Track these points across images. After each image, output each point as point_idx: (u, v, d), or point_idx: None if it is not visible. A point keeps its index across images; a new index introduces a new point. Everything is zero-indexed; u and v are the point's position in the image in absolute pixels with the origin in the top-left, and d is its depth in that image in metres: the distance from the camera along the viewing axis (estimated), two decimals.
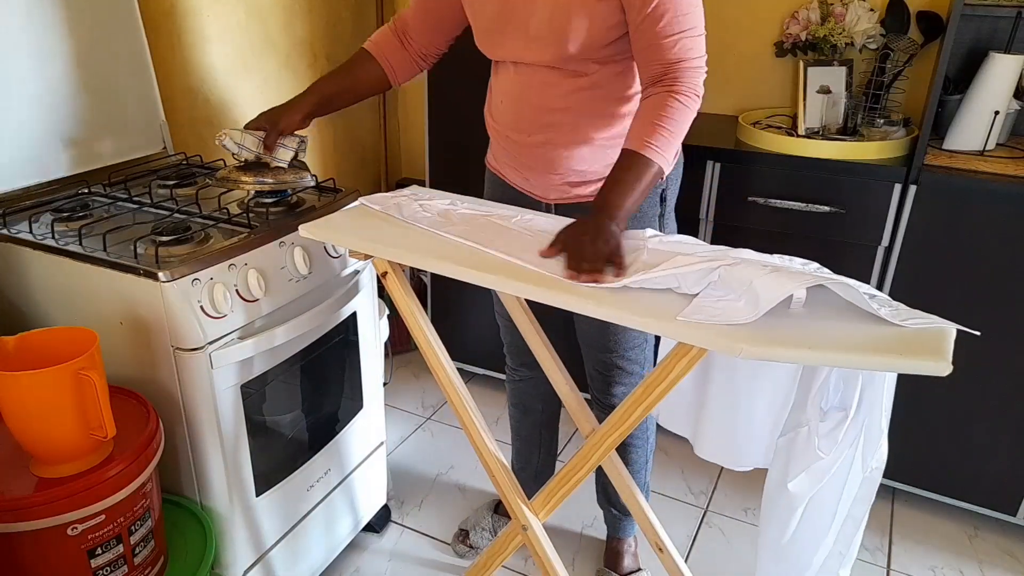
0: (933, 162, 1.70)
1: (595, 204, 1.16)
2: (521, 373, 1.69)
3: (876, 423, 0.98)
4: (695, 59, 1.20)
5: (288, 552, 1.48)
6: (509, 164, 1.43)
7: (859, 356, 0.85)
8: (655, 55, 1.19)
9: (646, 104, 1.21)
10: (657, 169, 1.17)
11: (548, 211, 1.39)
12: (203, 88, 1.92)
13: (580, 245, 1.08)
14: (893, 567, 1.78)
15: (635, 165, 1.17)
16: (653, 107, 1.19)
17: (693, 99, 1.19)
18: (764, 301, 0.90)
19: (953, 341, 0.87)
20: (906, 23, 1.88)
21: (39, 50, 1.39)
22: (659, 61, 1.19)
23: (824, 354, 0.86)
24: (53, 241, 1.24)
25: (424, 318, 1.21)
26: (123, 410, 1.16)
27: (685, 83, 1.19)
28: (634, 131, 1.20)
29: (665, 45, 1.18)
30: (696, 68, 1.20)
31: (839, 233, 1.76)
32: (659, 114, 1.17)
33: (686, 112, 1.19)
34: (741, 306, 0.92)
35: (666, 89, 1.19)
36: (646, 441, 1.59)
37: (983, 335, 1.70)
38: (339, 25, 2.37)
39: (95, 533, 1.06)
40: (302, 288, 1.36)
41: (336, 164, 2.51)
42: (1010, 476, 1.79)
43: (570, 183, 1.36)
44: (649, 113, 1.19)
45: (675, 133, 1.18)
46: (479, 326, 2.32)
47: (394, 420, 2.26)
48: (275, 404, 1.40)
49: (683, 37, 1.17)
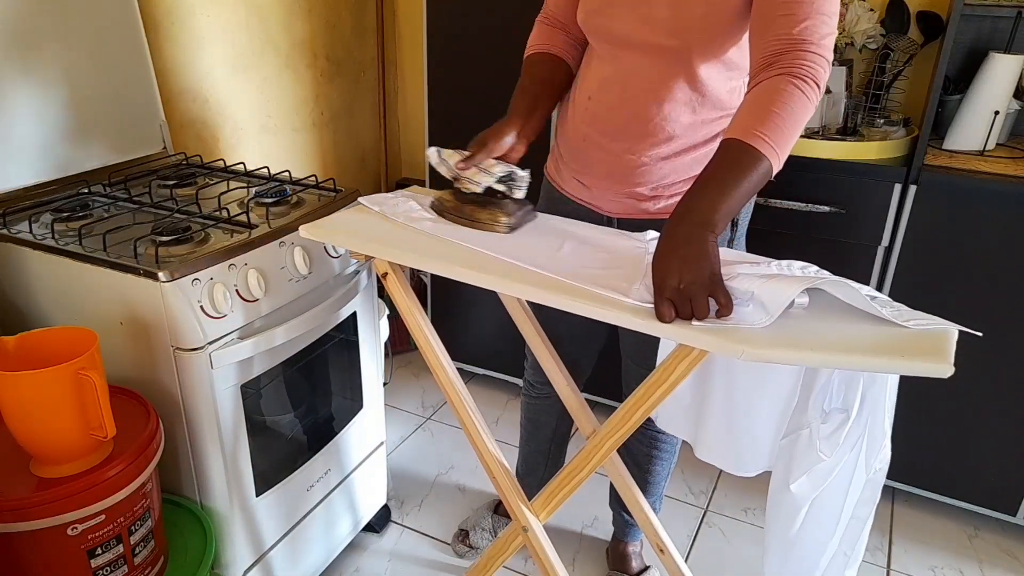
0: (933, 162, 1.70)
1: (681, 208, 0.95)
2: (540, 390, 1.62)
3: (879, 424, 0.98)
4: (820, 43, 0.98)
5: (288, 552, 1.48)
6: (574, 171, 1.33)
7: (861, 358, 0.85)
8: (777, 30, 0.99)
9: (757, 89, 0.99)
10: (767, 166, 0.94)
11: (608, 226, 1.29)
12: (203, 88, 1.92)
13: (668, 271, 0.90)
14: (893, 567, 1.78)
15: (739, 157, 0.94)
16: (766, 91, 0.97)
17: (814, 90, 0.97)
18: (773, 306, 0.89)
19: (955, 343, 0.87)
20: (906, 23, 1.88)
21: (39, 50, 1.39)
22: (779, 37, 0.99)
23: (825, 355, 0.86)
24: (53, 241, 1.24)
25: (424, 318, 1.21)
26: (123, 410, 1.16)
27: (807, 68, 0.97)
28: (739, 118, 0.98)
29: (791, 19, 0.98)
30: (822, 57, 0.99)
31: (839, 233, 1.76)
32: (773, 99, 0.95)
33: (805, 104, 0.97)
34: (750, 311, 0.91)
35: (783, 71, 0.97)
36: (673, 454, 1.57)
37: (983, 335, 1.70)
38: (339, 25, 2.37)
39: (95, 533, 1.06)
40: (302, 288, 1.36)
41: (336, 164, 2.51)
42: (1010, 476, 1.79)
43: (639, 197, 1.26)
44: (760, 98, 0.97)
45: (792, 125, 0.95)
46: (479, 326, 2.32)
47: (394, 420, 2.26)
48: (275, 404, 1.40)
49: (814, 14, 0.98)
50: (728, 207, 0.93)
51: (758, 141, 0.94)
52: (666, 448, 1.55)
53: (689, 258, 0.90)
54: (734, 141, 0.96)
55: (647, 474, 1.57)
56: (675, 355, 0.97)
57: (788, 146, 0.96)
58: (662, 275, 0.91)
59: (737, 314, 0.91)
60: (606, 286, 0.98)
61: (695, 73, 1.15)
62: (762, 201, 1.79)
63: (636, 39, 1.16)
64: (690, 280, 0.89)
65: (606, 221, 1.32)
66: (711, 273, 0.90)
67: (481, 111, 1.47)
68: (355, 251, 1.16)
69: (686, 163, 1.24)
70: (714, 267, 0.90)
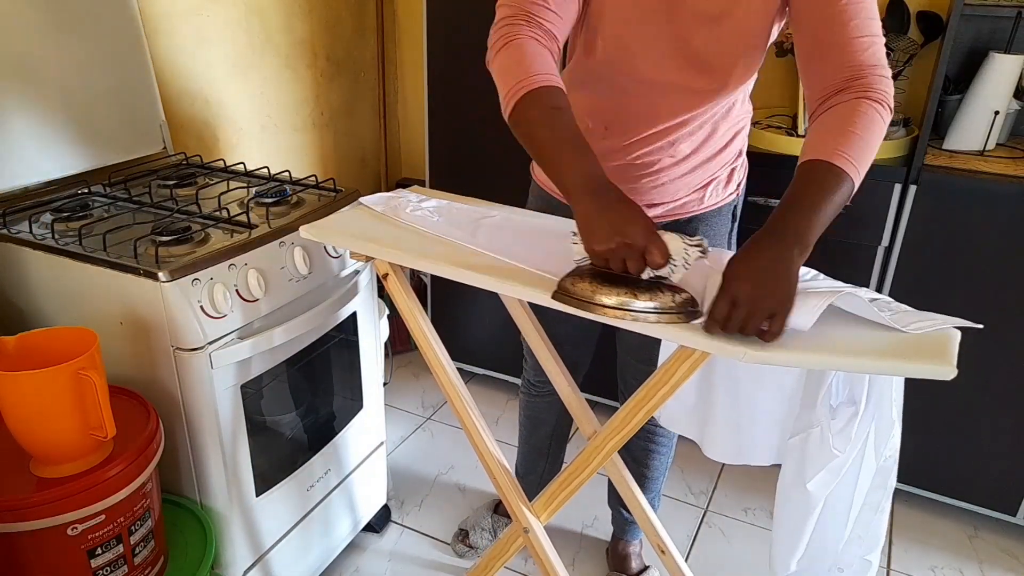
0: (933, 162, 1.70)
1: (775, 225, 0.91)
2: (540, 389, 1.63)
3: (887, 413, 0.98)
4: (886, 67, 1.00)
5: (288, 552, 1.48)
6: None
7: (863, 360, 0.85)
8: (845, 58, 0.99)
9: (835, 110, 0.99)
10: (850, 186, 0.94)
11: None
12: (203, 88, 1.92)
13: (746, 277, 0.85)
14: (893, 567, 1.78)
15: (827, 178, 0.93)
16: (846, 112, 0.97)
17: (887, 111, 0.99)
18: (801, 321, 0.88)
19: (957, 345, 0.87)
20: (906, 23, 1.88)
21: (39, 50, 1.39)
22: (850, 64, 0.99)
23: (827, 358, 0.86)
24: (53, 241, 1.24)
25: (425, 319, 1.20)
26: (123, 410, 1.16)
27: (881, 91, 0.98)
28: (820, 138, 0.97)
29: (858, 46, 0.99)
30: (889, 80, 1.00)
31: (839, 233, 1.75)
32: (853, 120, 0.96)
33: (882, 126, 0.98)
34: None
35: (860, 95, 0.98)
36: (670, 449, 1.58)
37: (983, 335, 1.70)
38: (339, 25, 2.37)
39: (95, 533, 1.06)
40: (302, 288, 1.36)
41: (336, 164, 2.51)
42: (1010, 476, 1.79)
43: (647, 205, 1.26)
44: (841, 119, 0.97)
45: (871, 146, 0.96)
46: (479, 326, 2.32)
47: (394, 420, 2.26)
48: (275, 404, 1.40)
49: (876, 40, 1.00)
50: (819, 226, 0.92)
51: (842, 160, 0.93)
52: (663, 443, 1.55)
53: (771, 273, 0.86)
54: (820, 162, 0.94)
55: (645, 469, 1.57)
56: (676, 357, 0.97)
57: (867, 165, 0.96)
58: (737, 279, 0.86)
59: None
60: None
61: (721, 103, 1.17)
62: (762, 201, 1.79)
63: (666, 81, 1.13)
64: (762, 295, 0.85)
65: None
66: (785, 295, 0.86)
67: (481, 111, 1.47)
68: (356, 252, 1.16)
69: (699, 176, 1.26)
70: (791, 290, 0.86)
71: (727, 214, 1.33)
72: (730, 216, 1.34)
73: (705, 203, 1.30)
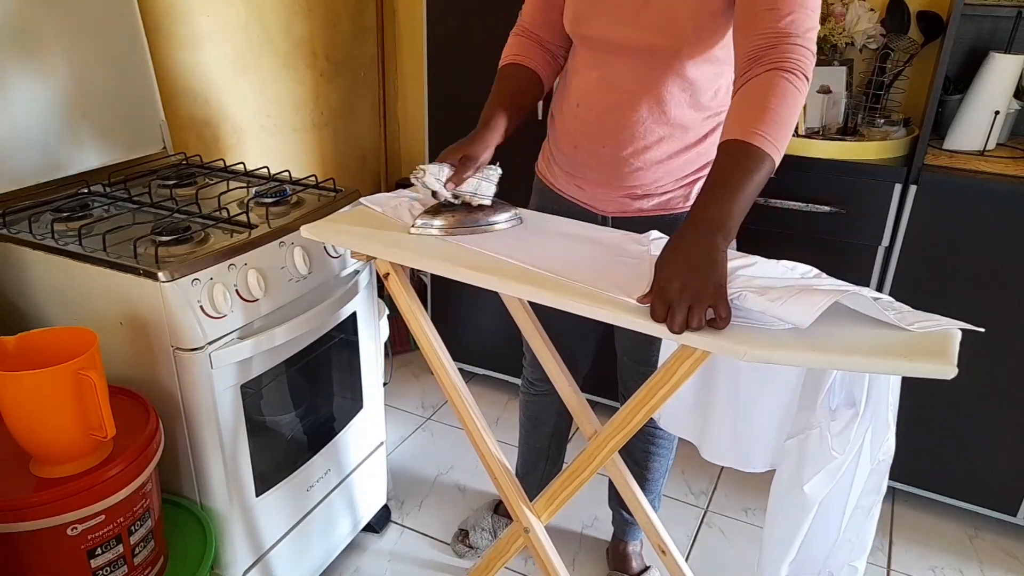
0: (933, 162, 1.70)
1: (696, 213, 0.94)
2: (539, 388, 1.64)
3: (883, 416, 0.98)
4: (806, 34, 1.00)
5: (288, 552, 1.48)
6: (568, 173, 1.35)
7: (864, 359, 0.85)
8: (762, 24, 1.00)
9: (748, 86, 0.99)
10: (770, 164, 0.95)
11: (604, 224, 1.31)
12: (203, 88, 1.92)
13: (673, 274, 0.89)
14: (894, 567, 1.78)
15: (744, 158, 0.94)
16: (759, 87, 0.97)
17: (803, 82, 0.98)
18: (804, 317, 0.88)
19: (958, 344, 0.87)
20: (906, 23, 1.88)
21: (39, 50, 1.39)
22: (766, 31, 0.99)
23: (828, 357, 0.86)
24: (53, 241, 1.24)
25: (426, 319, 1.20)
26: (123, 410, 1.16)
27: (795, 60, 0.98)
28: (735, 117, 0.98)
29: (775, 13, 0.99)
30: (808, 49, 1.00)
31: (839, 233, 1.76)
32: (767, 95, 0.95)
33: (797, 97, 0.97)
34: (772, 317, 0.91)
35: (773, 66, 0.98)
36: (670, 451, 1.58)
37: (983, 335, 1.70)
38: (339, 25, 2.37)
39: (95, 533, 1.06)
40: (302, 288, 1.36)
41: (336, 164, 2.51)
42: (1010, 476, 1.79)
43: (633, 196, 1.27)
44: (754, 95, 0.97)
45: (788, 120, 0.96)
46: (479, 326, 2.32)
47: (394, 420, 2.26)
48: (275, 404, 1.40)
49: (798, 8, 0.99)
50: (740, 210, 0.94)
51: (759, 140, 0.94)
52: (663, 444, 1.55)
53: (697, 265, 0.89)
54: (736, 142, 0.95)
55: (645, 471, 1.57)
56: (677, 356, 0.96)
57: (786, 140, 0.97)
58: (667, 277, 0.90)
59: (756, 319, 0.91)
60: (608, 286, 0.98)
61: (684, 73, 1.16)
62: (762, 201, 1.79)
63: (624, 43, 1.16)
64: (695, 288, 0.87)
65: (600, 220, 1.33)
66: (716, 284, 0.88)
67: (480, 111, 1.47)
68: (357, 251, 1.16)
69: (678, 164, 1.25)
70: (720, 278, 0.89)
71: None
72: None
73: (691, 200, 1.30)
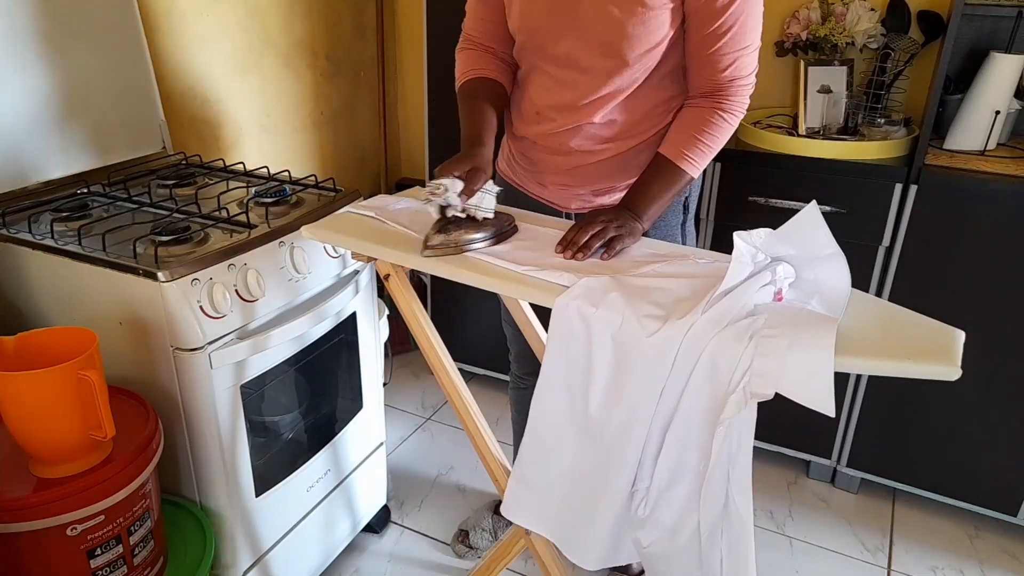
0: (934, 162, 1.70)
1: (622, 203, 1.20)
2: (527, 382, 1.64)
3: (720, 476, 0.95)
4: (747, 76, 1.20)
5: (287, 553, 1.48)
6: (527, 171, 1.38)
7: (871, 361, 0.85)
8: (709, 71, 1.19)
9: (689, 114, 1.22)
10: (688, 179, 1.21)
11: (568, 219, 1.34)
12: (203, 88, 1.92)
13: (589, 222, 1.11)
14: (894, 567, 1.78)
15: (668, 174, 1.20)
16: (696, 119, 1.21)
17: (737, 116, 1.21)
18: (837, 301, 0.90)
19: (962, 345, 0.87)
20: (907, 23, 1.88)
21: (39, 50, 1.39)
22: (712, 78, 1.19)
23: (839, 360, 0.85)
24: (52, 241, 1.24)
25: (426, 320, 1.20)
26: (122, 410, 1.16)
27: (733, 100, 1.20)
28: (672, 139, 1.22)
29: (722, 62, 1.17)
30: (747, 85, 1.21)
31: (840, 233, 1.73)
32: (701, 128, 1.20)
33: (727, 129, 1.21)
34: None
35: (714, 104, 1.20)
36: None
37: (984, 335, 1.70)
38: (339, 25, 2.36)
39: (95, 533, 1.06)
40: (301, 288, 1.36)
41: (336, 164, 2.50)
42: (1010, 476, 1.78)
43: (595, 191, 1.33)
44: (691, 125, 1.21)
45: (713, 148, 1.21)
46: (479, 326, 2.31)
47: (394, 420, 2.26)
48: (274, 404, 1.40)
49: (741, 55, 1.17)
50: (657, 211, 1.21)
51: (686, 163, 1.20)
52: None
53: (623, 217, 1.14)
54: (667, 161, 1.21)
55: None
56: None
57: (707, 162, 1.23)
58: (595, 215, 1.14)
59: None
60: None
61: (635, 85, 1.22)
62: (763, 201, 1.79)
63: (575, 59, 1.21)
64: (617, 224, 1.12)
65: (565, 216, 1.37)
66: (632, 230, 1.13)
67: None
68: (358, 252, 1.16)
69: (635, 162, 1.29)
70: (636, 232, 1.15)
71: (677, 206, 1.36)
72: (680, 208, 1.37)
73: None
